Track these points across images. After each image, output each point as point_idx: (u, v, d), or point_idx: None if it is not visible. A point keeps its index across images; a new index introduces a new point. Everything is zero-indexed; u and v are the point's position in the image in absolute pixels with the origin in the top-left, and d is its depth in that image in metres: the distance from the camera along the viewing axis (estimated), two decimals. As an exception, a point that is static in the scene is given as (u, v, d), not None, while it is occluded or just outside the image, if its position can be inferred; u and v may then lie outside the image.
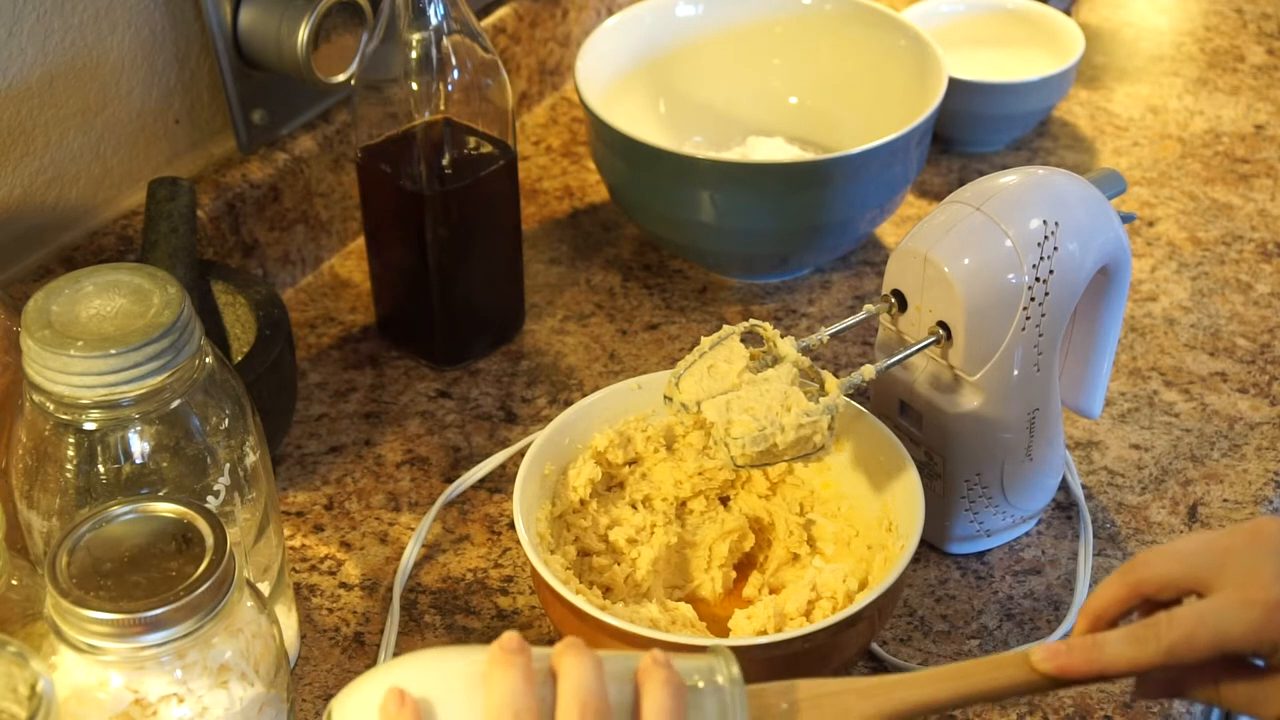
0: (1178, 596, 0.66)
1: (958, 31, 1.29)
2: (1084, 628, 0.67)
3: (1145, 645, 0.64)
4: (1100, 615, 0.67)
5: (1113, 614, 0.67)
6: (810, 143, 1.20)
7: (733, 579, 0.89)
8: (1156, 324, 1.08)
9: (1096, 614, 0.67)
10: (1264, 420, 1.00)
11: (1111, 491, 0.96)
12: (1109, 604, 0.66)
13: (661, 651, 0.60)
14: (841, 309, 1.10)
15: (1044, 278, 0.81)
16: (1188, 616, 0.63)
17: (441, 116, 0.97)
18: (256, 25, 1.02)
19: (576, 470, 0.87)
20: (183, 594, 0.64)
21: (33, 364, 0.69)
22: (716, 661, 0.61)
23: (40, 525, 0.73)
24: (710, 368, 0.81)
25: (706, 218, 1.05)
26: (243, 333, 0.95)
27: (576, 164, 1.26)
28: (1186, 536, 0.68)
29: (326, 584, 0.91)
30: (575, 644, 0.59)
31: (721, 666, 0.61)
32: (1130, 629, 0.65)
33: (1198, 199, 1.21)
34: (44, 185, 0.97)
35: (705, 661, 0.61)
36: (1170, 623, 0.63)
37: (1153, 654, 0.63)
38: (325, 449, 0.99)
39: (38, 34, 0.93)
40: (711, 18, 1.19)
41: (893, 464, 0.84)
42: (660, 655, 0.59)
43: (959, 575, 0.91)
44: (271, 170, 1.07)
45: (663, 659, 0.59)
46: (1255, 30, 1.43)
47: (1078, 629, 0.67)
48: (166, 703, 0.66)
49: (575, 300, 1.12)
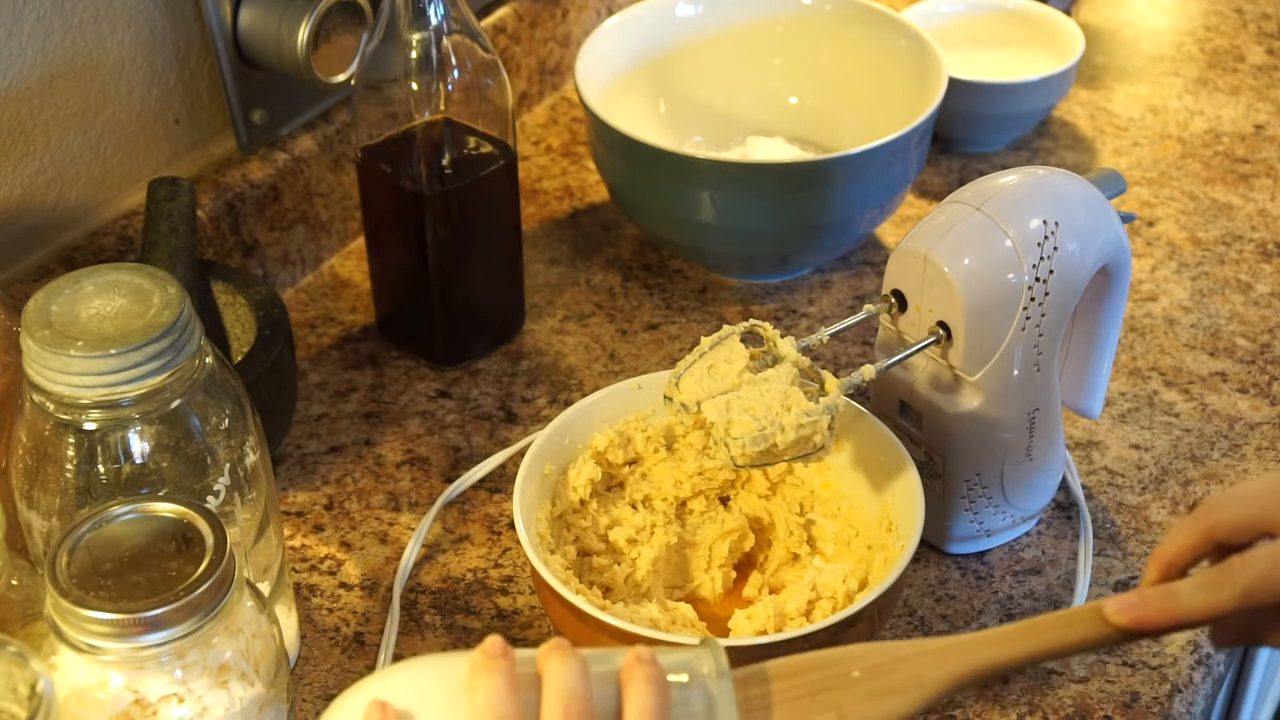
0: (1250, 540, 0.64)
1: (958, 31, 1.29)
2: (1154, 577, 0.65)
3: (1220, 590, 0.61)
4: (1171, 563, 0.64)
5: (1184, 561, 0.64)
6: (810, 143, 1.20)
7: (733, 579, 0.89)
8: (1156, 324, 1.08)
9: (1167, 562, 0.64)
10: (1264, 420, 1.00)
11: (1111, 491, 0.96)
12: (1180, 551, 0.64)
13: (646, 648, 0.58)
14: (841, 309, 1.10)
15: (1044, 278, 0.81)
16: (1262, 558, 0.61)
17: (441, 116, 0.97)
18: (256, 25, 1.02)
19: (576, 470, 0.87)
20: (183, 594, 0.64)
21: (33, 364, 0.69)
22: (703, 654, 0.60)
23: (40, 525, 0.73)
24: (710, 368, 0.81)
25: (706, 218, 1.05)
26: (243, 333, 0.95)
27: (576, 164, 1.26)
28: (1257, 478, 0.66)
29: (326, 584, 0.91)
30: (560, 645, 0.58)
31: (707, 659, 0.59)
32: (1204, 575, 0.62)
33: (1198, 199, 1.21)
34: (44, 185, 0.97)
35: (691, 655, 0.60)
36: (1244, 565, 0.61)
37: (1228, 599, 0.61)
38: (325, 449, 0.99)
39: (38, 34, 0.93)
40: (711, 18, 1.19)
41: (893, 464, 0.84)
42: (644, 652, 0.58)
43: (959, 575, 0.91)
44: (271, 170, 1.08)
45: (647, 656, 0.58)
46: (1255, 30, 1.43)
47: (1147, 579, 0.65)
48: (166, 703, 0.66)
49: (575, 300, 1.12)
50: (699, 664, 0.59)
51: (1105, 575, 0.90)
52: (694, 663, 0.60)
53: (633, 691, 0.56)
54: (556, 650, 0.57)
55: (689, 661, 0.60)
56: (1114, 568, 0.91)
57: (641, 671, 0.57)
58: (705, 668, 0.59)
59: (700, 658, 0.60)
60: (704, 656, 0.60)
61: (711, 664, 0.59)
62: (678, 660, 0.60)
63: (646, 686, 0.56)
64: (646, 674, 0.57)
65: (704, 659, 0.60)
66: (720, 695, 0.58)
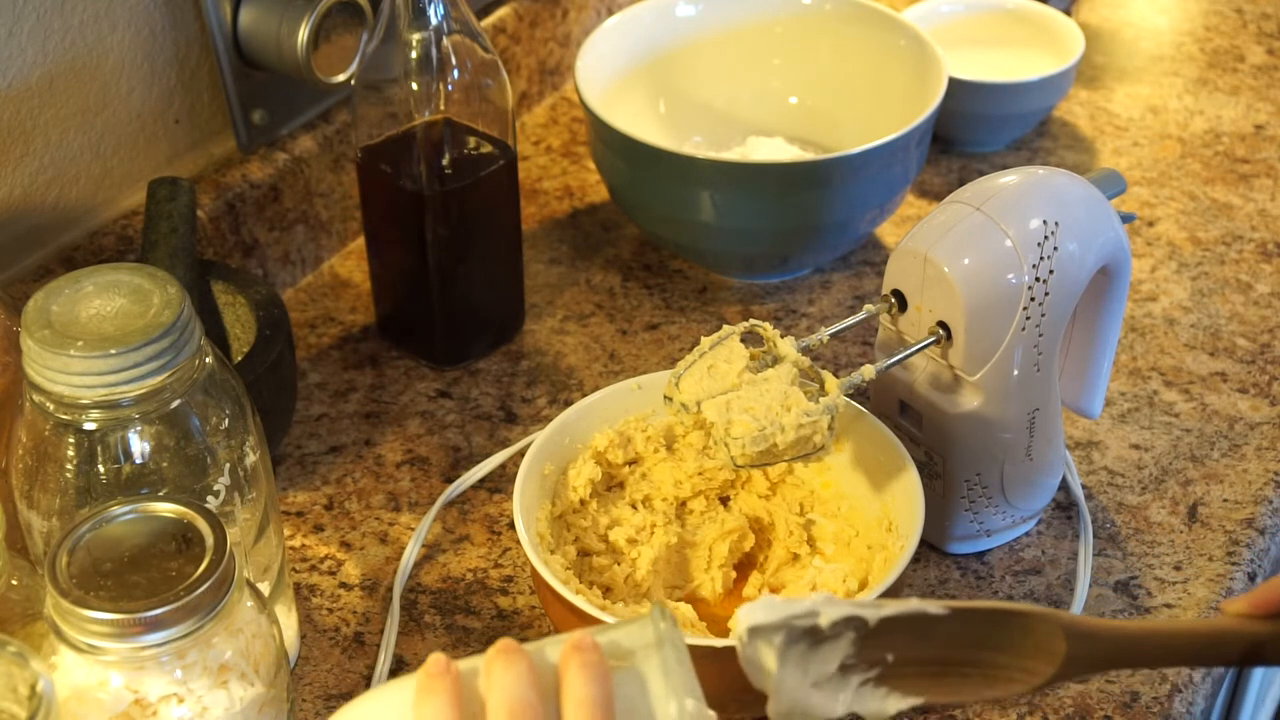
0: None
1: (958, 31, 1.29)
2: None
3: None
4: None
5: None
6: (810, 143, 1.20)
7: (733, 579, 0.89)
8: (1156, 324, 1.08)
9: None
10: (1264, 420, 1.00)
11: (1111, 491, 0.96)
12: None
13: (585, 634, 0.56)
14: (841, 309, 1.10)
15: (1044, 278, 0.81)
16: None
17: (441, 116, 0.97)
18: (256, 25, 1.02)
19: (576, 470, 0.87)
20: (183, 594, 0.64)
21: (33, 364, 0.69)
22: (647, 625, 0.57)
23: (40, 525, 0.73)
24: (710, 368, 0.81)
25: (706, 218, 1.05)
26: (243, 333, 0.95)
27: (576, 164, 1.26)
28: None
29: (326, 584, 0.91)
30: (505, 648, 0.56)
31: (650, 629, 0.56)
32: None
33: (1198, 199, 1.21)
34: (44, 185, 0.97)
35: (635, 627, 0.57)
36: None
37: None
38: (325, 449, 0.99)
39: (38, 34, 0.93)
40: (711, 18, 1.19)
41: (893, 464, 0.84)
42: (581, 638, 0.55)
43: (959, 575, 0.91)
44: (271, 170, 1.08)
45: (584, 642, 0.55)
46: (1255, 30, 1.43)
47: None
48: (166, 703, 0.66)
49: (575, 300, 1.12)
50: (644, 636, 0.57)
51: (1105, 575, 0.90)
52: (637, 635, 0.57)
53: (568, 682, 0.55)
54: (501, 654, 0.56)
55: (632, 634, 0.57)
56: (1114, 568, 0.91)
57: (575, 659, 0.55)
58: (648, 637, 0.57)
59: (644, 627, 0.57)
60: (648, 627, 0.57)
61: (656, 631, 0.56)
62: (623, 634, 0.57)
63: (580, 675, 0.54)
64: (580, 661, 0.55)
65: (649, 630, 0.57)
66: (673, 662, 0.56)
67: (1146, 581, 0.90)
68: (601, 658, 0.55)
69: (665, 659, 0.56)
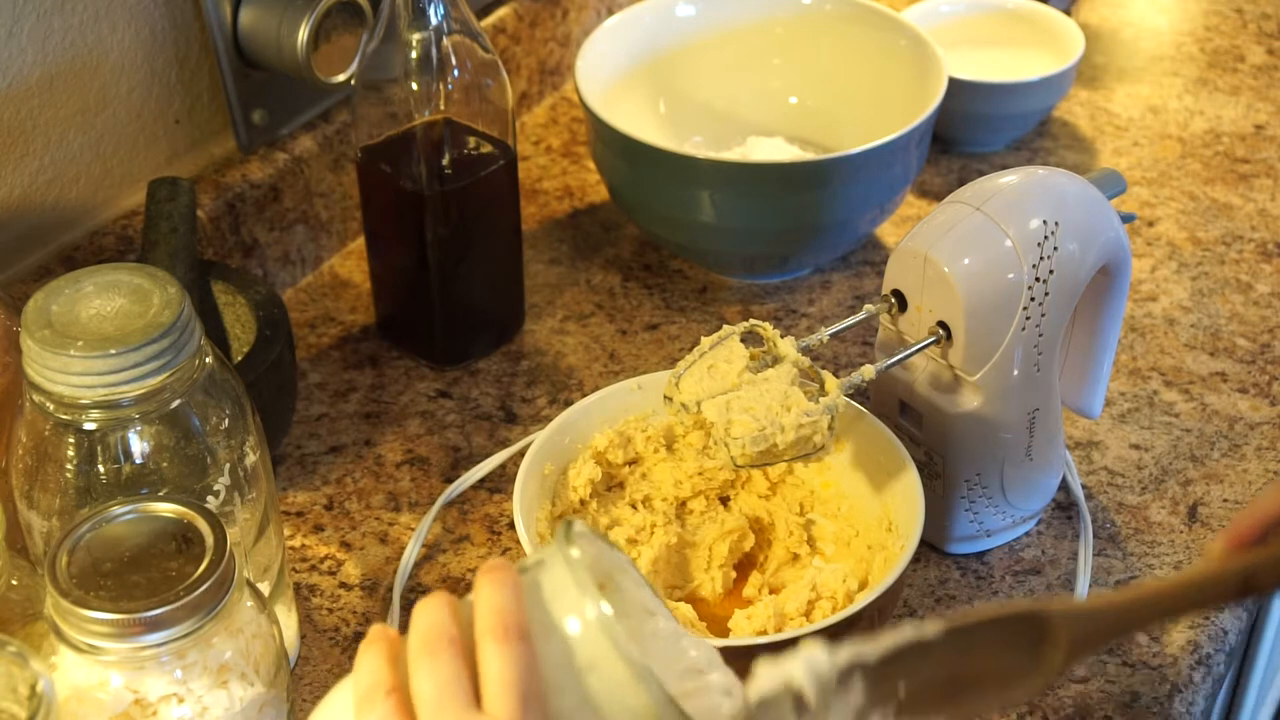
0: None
1: (958, 31, 1.29)
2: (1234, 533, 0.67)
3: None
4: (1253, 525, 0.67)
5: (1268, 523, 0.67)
6: (810, 143, 1.20)
7: (733, 579, 0.89)
8: (1156, 324, 1.08)
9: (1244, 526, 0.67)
10: (1264, 420, 1.00)
11: (1111, 491, 0.96)
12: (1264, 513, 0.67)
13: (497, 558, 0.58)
14: (841, 309, 1.10)
15: (1044, 278, 0.81)
16: None
17: (441, 116, 0.97)
18: (256, 25, 1.02)
19: (576, 470, 0.87)
20: (183, 594, 0.64)
21: (33, 364, 0.69)
22: (560, 531, 0.58)
23: (40, 525, 0.73)
24: (710, 368, 0.81)
25: (706, 218, 1.05)
26: (243, 333, 0.95)
27: (576, 164, 1.26)
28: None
29: (326, 584, 0.91)
30: (433, 595, 0.58)
31: (561, 533, 0.58)
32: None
33: (1198, 199, 1.21)
34: (44, 185, 0.97)
35: (549, 544, 0.59)
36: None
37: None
38: (325, 449, 0.99)
39: (38, 34, 0.93)
40: (711, 18, 1.19)
41: (893, 464, 0.84)
42: (492, 561, 0.58)
43: (959, 575, 0.91)
44: (271, 170, 1.08)
45: (496, 561, 0.58)
46: (1255, 30, 1.43)
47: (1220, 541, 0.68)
48: (166, 703, 0.66)
49: (575, 300, 1.12)
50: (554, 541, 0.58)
51: (1105, 575, 0.90)
52: (546, 548, 0.59)
53: (479, 593, 0.57)
54: (427, 598, 0.58)
55: (544, 549, 0.59)
56: (1114, 568, 0.91)
57: (485, 576, 0.57)
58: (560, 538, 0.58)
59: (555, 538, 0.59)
60: (560, 532, 0.58)
61: (565, 535, 0.58)
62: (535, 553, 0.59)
63: (487, 581, 0.57)
64: (489, 576, 0.57)
65: (560, 535, 0.58)
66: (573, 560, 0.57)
67: (1147, 581, 0.90)
68: (511, 571, 0.58)
69: (570, 562, 0.57)
